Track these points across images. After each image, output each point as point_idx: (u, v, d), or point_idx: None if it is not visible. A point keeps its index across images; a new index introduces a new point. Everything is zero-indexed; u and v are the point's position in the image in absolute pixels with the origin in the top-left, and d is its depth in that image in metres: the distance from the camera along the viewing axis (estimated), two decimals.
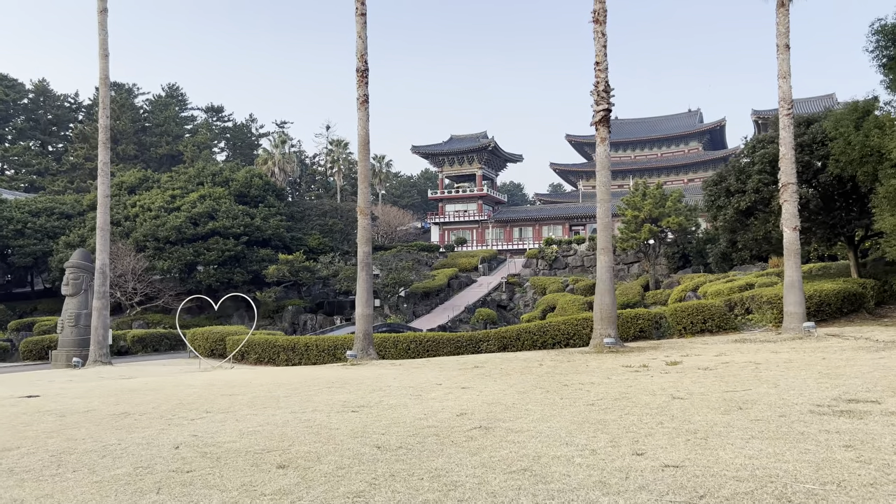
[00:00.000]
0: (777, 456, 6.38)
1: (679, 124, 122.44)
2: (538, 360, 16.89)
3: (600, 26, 19.56)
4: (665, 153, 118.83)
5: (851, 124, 23.16)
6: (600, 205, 19.45)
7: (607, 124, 19.41)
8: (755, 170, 25.94)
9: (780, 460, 6.23)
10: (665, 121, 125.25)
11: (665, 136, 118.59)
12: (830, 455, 6.33)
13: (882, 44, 22.16)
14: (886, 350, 14.52)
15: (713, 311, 23.22)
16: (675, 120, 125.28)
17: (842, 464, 5.92)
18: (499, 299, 55.49)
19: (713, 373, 12.55)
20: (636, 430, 7.83)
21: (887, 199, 20.51)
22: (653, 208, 47.57)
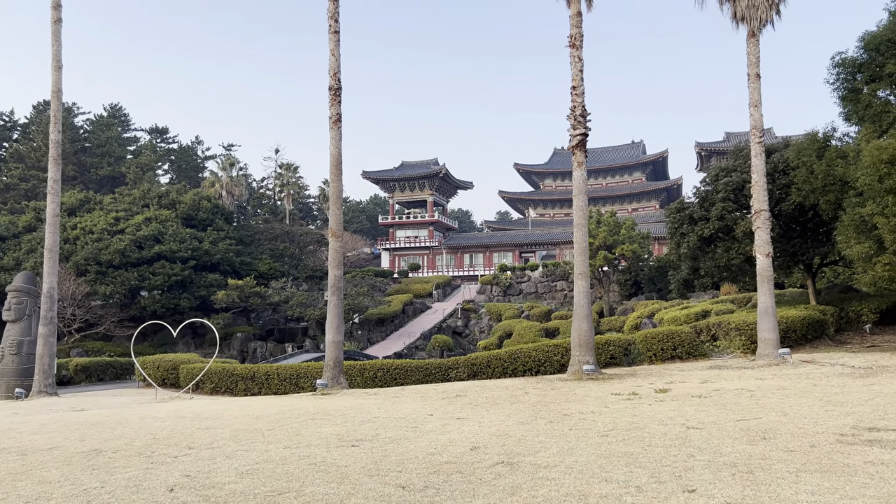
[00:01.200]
0: (838, 491, 6.01)
1: (623, 155, 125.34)
2: (521, 388, 16.36)
3: (577, 51, 19.53)
4: (610, 183, 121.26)
5: (814, 154, 23.74)
6: (577, 229, 19.23)
7: (584, 148, 19.29)
8: (719, 197, 26.31)
9: (844, 496, 5.85)
10: (610, 151, 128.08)
11: (610, 167, 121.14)
12: (892, 489, 6.00)
13: (842, 76, 22.87)
14: (871, 376, 14.56)
15: (683, 338, 23.19)
16: (619, 151, 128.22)
17: None
18: (454, 326, 54.91)
19: (710, 400, 12.26)
20: (671, 463, 7.36)
21: (853, 226, 20.94)
22: (607, 235, 48.09)
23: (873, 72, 21.46)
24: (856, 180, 20.17)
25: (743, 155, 27.68)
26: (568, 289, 59.37)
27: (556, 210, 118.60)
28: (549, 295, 59.73)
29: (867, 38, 21.61)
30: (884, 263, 19.48)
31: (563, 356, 22.81)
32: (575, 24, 19.62)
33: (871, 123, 21.13)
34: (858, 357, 19.13)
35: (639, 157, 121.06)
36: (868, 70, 21.55)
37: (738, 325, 23.22)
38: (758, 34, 19.95)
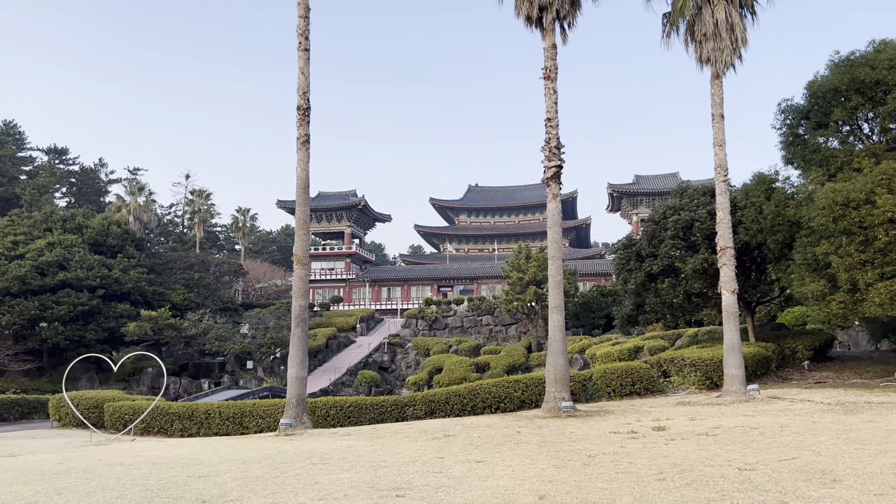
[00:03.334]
0: None
1: (535, 194, 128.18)
2: (505, 427, 15.60)
3: (551, 83, 19.42)
4: (522, 220, 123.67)
5: (762, 195, 24.62)
6: (552, 261, 18.87)
7: (559, 180, 19.07)
8: (668, 235, 26.81)
9: None
10: (522, 190, 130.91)
11: (522, 205, 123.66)
12: None
13: (787, 122, 23.98)
14: (857, 413, 14.78)
15: (642, 374, 23.15)
16: (531, 189, 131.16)
17: None
18: (380, 361, 53.45)
19: (725, 439, 11.93)
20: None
21: (805, 266, 21.69)
22: (537, 271, 48.44)
23: (820, 119, 22.60)
24: (809, 221, 20.94)
25: (688, 195, 28.46)
26: (493, 323, 59.28)
27: (471, 245, 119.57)
28: (475, 329, 59.40)
29: (813, 87, 22.78)
30: (838, 301, 20.19)
31: (523, 392, 22.27)
32: (549, 57, 19.54)
33: (818, 167, 22.14)
34: (817, 393, 19.60)
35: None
36: (815, 117, 22.68)
37: (694, 361, 23.45)
38: (721, 76, 20.56)
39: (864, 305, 19.50)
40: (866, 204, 19.32)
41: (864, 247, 19.53)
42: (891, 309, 18.94)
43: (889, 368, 25.32)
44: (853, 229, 19.54)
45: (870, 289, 19.24)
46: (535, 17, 19.61)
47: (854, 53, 22.19)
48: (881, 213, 18.88)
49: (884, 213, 18.83)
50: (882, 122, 21.63)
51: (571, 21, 19.79)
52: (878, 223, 19.03)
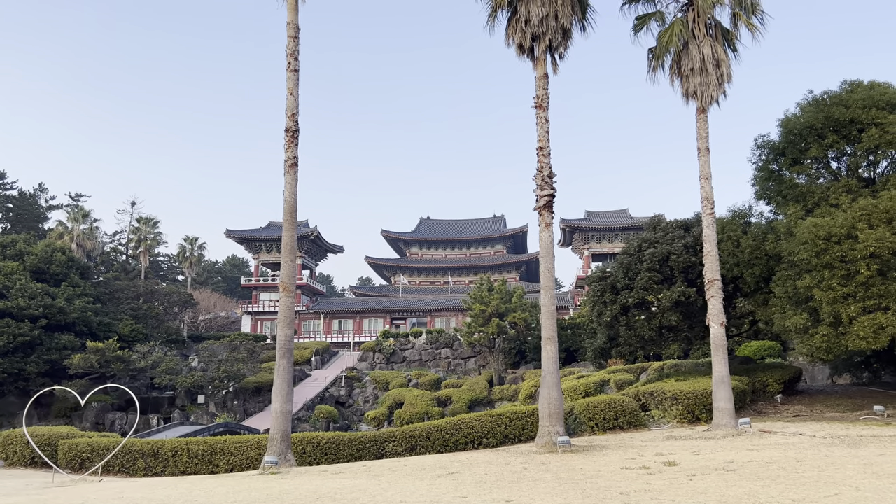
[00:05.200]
0: None
1: (486, 228, 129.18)
2: (506, 463, 14.96)
3: (543, 112, 19.29)
4: (473, 254, 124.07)
5: (738, 229, 24.96)
6: (545, 292, 18.49)
7: (551, 210, 18.82)
8: (644, 267, 26.87)
9: None
10: (474, 224, 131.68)
11: (474, 238, 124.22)
12: None
13: (763, 157, 24.48)
14: (862, 446, 14.73)
15: (625, 408, 22.84)
16: (482, 223, 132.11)
17: None
18: (337, 395, 51.95)
19: (752, 474, 11.59)
20: None
21: (786, 299, 21.92)
22: (500, 303, 48.17)
23: (796, 155, 23.13)
24: (791, 255, 21.23)
25: (662, 228, 28.70)
26: (452, 356, 58.54)
27: (422, 277, 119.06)
28: (434, 363, 58.52)
29: (788, 125, 23.35)
30: (821, 335, 20.40)
31: (506, 427, 21.69)
32: (541, 86, 19.44)
33: (795, 203, 22.58)
34: (803, 426, 19.62)
35: (500, 231, 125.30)
36: (791, 153, 23.20)
37: (675, 394, 23.29)
38: (707, 110, 20.83)
39: (848, 339, 19.74)
40: (848, 238, 19.68)
41: (847, 280, 19.84)
42: (874, 342, 19.21)
43: (857, 402, 25.70)
44: (835, 263, 19.85)
45: (853, 322, 19.50)
46: (528, 46, 19.55)
47: (827, 93, 22.90)
48: (863, 247, 19.24)
49: (866, 247, 19.19)
50: (857, 159, 22.26)
51: (563, 52, 19.80)
52: (860, 257, 19.38)
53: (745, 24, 20.70)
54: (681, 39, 20.86)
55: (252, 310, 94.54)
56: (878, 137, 20.85)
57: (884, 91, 21.74)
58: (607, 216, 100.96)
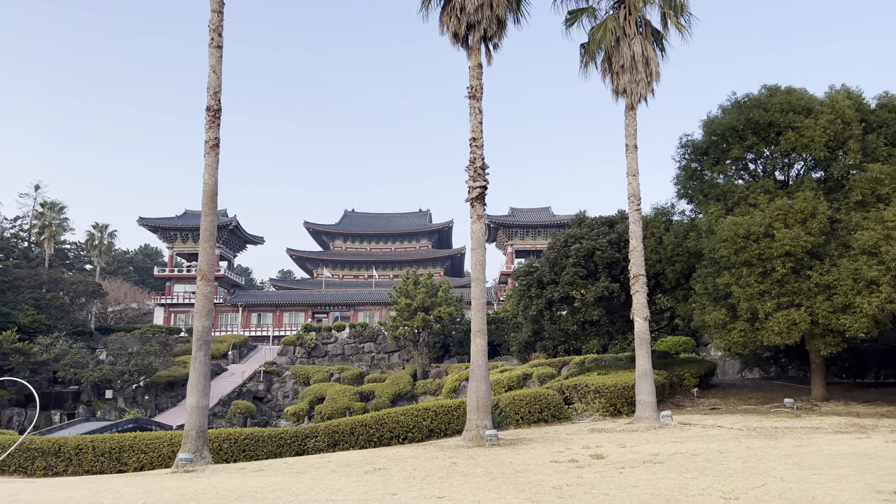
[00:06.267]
0: None
1: (412, 222, 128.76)
2: (433, 458, 14.61)
3: (477, 102, 19.03)
4: (398, 248, 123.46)
5: (661, 226, 25.50)
6: (475, 284, 18.25)
7: (483, 201, 18.59)
8: (570, 262, 27.13)
9: None
10: (399, 218, 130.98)
11: (399, 233, 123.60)
12: None
13: (687, 156, 25.07)
14: (778, 438, 15.18)
15: (550, 401, 22.93)
16: (407, 218, 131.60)
17: None
18: (255, 390, 50.41)
19: (679, 466, 11.68)
20: None
21: (706, 295, 22.52)
22: (426, 297, 47.88)
23: (718, 155, 23.77)
24: (712, 252, 21.80)
25: (587, 224, 29.07)
26: (376, 350, 57.86)
27: (346, 271, 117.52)
28: (357, 357, 57.68)
29: (712, 125, 23.96)
30: (739, 330, 21.04)
31: (431, 421, 21.42)
32: (475, 76, 19.18)
33: (716, 202, 23.20)
34: (720, 419, 20.18)
35: (426, 226, 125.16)
36: (714, 153, 23.84)
37: (598, 387, 23.56)
38: (636, 107, 21.10)
39: (763, 334, 20.42)
40: (765, 237, 20.34)
41: (763, 278, 20.53)
42: (787, 338, 19.94)
43: (767, 395, 26.80)
44: (753, 261, 20.50)
45: (769, 318, 20.19)
46: (462, 35, 19.24)
47: (748, 96, 23.62)
48: (779, 245, 19.93)
49: (782, 245, 19.88)
50: (774, 161, 23.07)
51: (497, 42, 19.58)
52: (776, 255, 20.07)
53: (675, 23, 21.08)
54: (613, 36, 21.03)
55: (165, 301, 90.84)
56: (794, 140, 21.64)
57: (800, 96, 22.60)
58: (531, 213, 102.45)
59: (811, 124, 21.41)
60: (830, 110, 21.62)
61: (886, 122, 22.66)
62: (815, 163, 23.00)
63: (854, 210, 20.98)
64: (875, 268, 18.92)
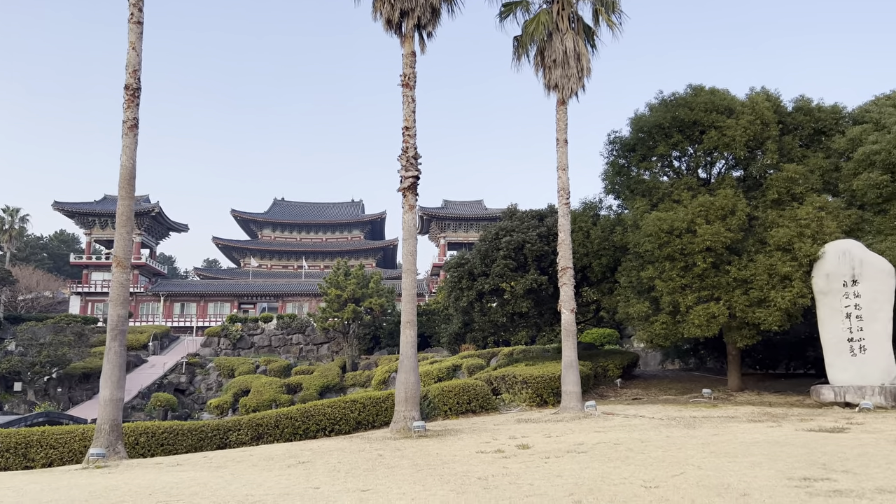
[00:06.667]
0: None
1: (344, 213, 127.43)
2: (360, 450, 14.41)
3: (410, 90, 18.81)
4: (330, 238, 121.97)
5: (589, 220, 25.94)
6: (406, 275, 18.09)
7: (415, 192, 18.41)
8: (501, 255, 27.30)
9: None
10: (331, 207, 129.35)
11: (331, 222, 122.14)
12: None
13: (615, 152, 25.57)
14: (695, 427, 15.66)
15: (478, 392, 23.04)
16: (340, 208, 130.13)
17: None
18: (177, 382, 48.80)
19: (602, 455, 11.86)
20: None
21: (630, 288, 23.06)
22: (356, 288, 47.37)
23: (645, 152, 24.34)
24: (636, 246, 22.32)
25: (518, 217, 29.33)
26: (304, 342, 56.97)
27: (275, 261, 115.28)
28: (285, 349, 56.63)
29: (639, 123, 24.50)
30: (661, 322, 21.64)
31: (359, 413, 21.18)
32: (408, 64, 18.95)
33: (642, 197, 23.76)
34: (642, 409, 20.73)
35: (358, 216, 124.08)
36: (641, 150, 24.39)
37: (526, 378, 23.84)
38: (567, 102, 21.32)
39: (684, 327, 21.07)
40: (687, 233, 20.97)
41: (685, 272, 21.16)
42: (707, 330, 20.63)
43: (686, 386, 27.74)
44: (676, 255, 21.10)
45: (690, 311, 20.84)
46: (396, 21, 18.94)
47: (675, 95, 24.25)
48: (701, 241, 20.58)
49: (703, 241, 20.54)
50: (698, 159, 23.78)
51: (431, 31, 19.39)
52: (697, 250, 20.71)
53: (606, 20, 21.38)
54: (545, 30, 21.16)
55: (82, 290, 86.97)
56: (716, 139, 22.35)
57: (723, 97, 23.36)
58: (464, 206, 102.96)
59: (733, 124, 22.16)
60: (751, 111, 22.43)
61: (801, 125, 23.71)
62: (735, 162, 23.84)
63: (770, 208, 21.87)
64: (788, 263, 19.78)
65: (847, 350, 18.86)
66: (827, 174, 22.71)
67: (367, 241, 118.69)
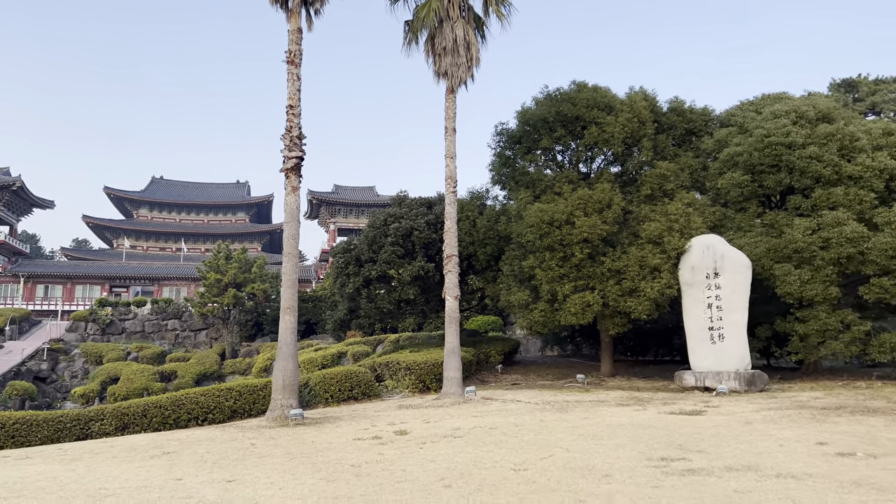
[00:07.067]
0: None
1: (228, 194, 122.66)
2: (232, 440, 13.89)
3: (295, 68, 18.23)
4: (213, 220, 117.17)
5: (476, 209, 26.26)
6: (287, 259, 17.57)
7: (299, 173, 17.89)
8: (389, 241, 27.14)
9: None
10: (215, 188, 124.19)
11: (214, 204, 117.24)
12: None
13: (502, 144, 25.98)
14: (568, 410, 16.22)
15: (360, 379, 22.86)
16: (224, 189, 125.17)
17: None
18: (37, 370, 45.26)
19: (477, 440, 12.01)
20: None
21: (512, 277, 23.56)
22: (238, 272, 45.72)
23: (530, 145, 24.87)
24: (519, 236, 22.83)
25: (407, 204, 29.25)
26: (181, 328, 54.41)
27: (151, 242, 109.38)
28: (159, 335, 53.84)
29: (525, 116, 24.99)
30: (540, 310, 22.26)
31: (235, 401, 20.53)
32: (294, 41, 18.35)
33: (526, 189, 24.29)
34: (520, 394, 21.26)
35: (244, 198, 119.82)
36: (526, 142, 24.90)
37: (409, 364, 23.88)
38: (456, 91, 21.41)
39: (561, 315, 21.76)
40: (567, 224, 21.64)
41: (563, 262, 21.85)
42: (582, 318, 21.42)
43: (563, 371, 28.78)
44: (555, 246, 21.73)
45: (567, 300, 21.55)
46: None
47: (559, 90, 24.90)
48: (578, 232, 21.30)
49: (581, 232, 21.26)
50: (579, 154, 24.57)
51: (319, 8, 18.87)
52: (575, 241, 21.42)
53: (495, 11, 21.62)
54: (436, 17, 21.12)
55: None
56: (597, 135, 23.17)
57: (604, 94, 24.23)
58: (355, 192, 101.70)
59: (612, 121, 23.04)
60: (629, 110, 23.41)
61: (674, 125, 25.01)
62: (614, 157, 24.82)
63: (644, 203, 22.97)
64: (658, 256, 20.85)
65: (708, 338, 20.14)
66: (696, 172, 24.11)
67: (252, 225, 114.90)
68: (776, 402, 15.94)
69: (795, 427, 11.90)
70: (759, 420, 12.98)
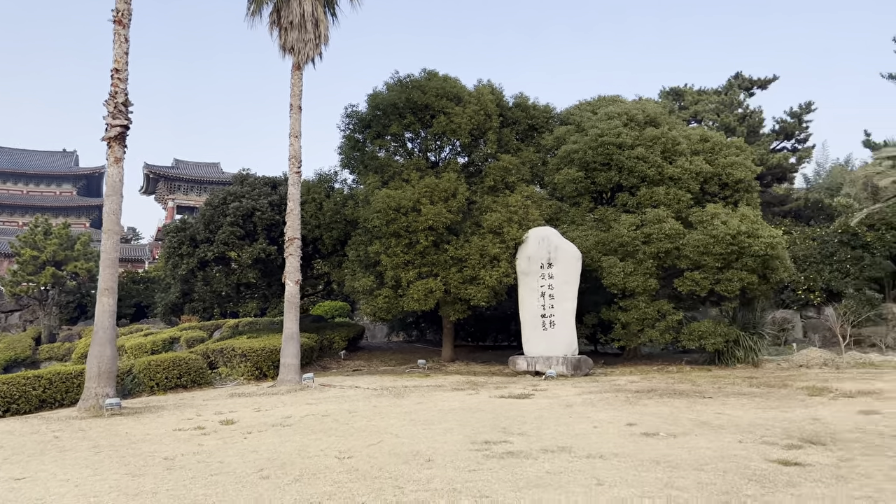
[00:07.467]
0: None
1: (53, 163, 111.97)
2: (33, 432, 12.62)
3: (123, 29, 16.72)
4: (33, 191, 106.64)
5: (323, 192, 25.67)
6: (107, 236, 16.15)
7: (124, 143, 16.45)
8: (227, 221, 25.87)
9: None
10: (36, 156, 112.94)
11: (35, 173, 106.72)
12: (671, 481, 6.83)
13: (351, 127, 25.57)
14: (404, 396, 16.30)
15: (191, 366, 21.67)
16: (47, 157, 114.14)
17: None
18: None
19: (306, 428, 11.72)
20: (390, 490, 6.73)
21: (358, 262, 23.31)
22: (58, 250, 41.74)
23: (380, 129, 24.67)
24: (366, 222, 22.61)
25: (249, 183, 28.03)
26: None
27: None
28: None
29: (376, 100, 24.76)
30: (384, 296, 22.21)
31: (44, 390, 18.65)
32: None
33: (375, 174, 24.10)
34: (360, 380, 21.13)
35: (71, 169, 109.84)
36: (376, 127, 24.67)
37: (245, 351, 22.98)
38: (303, 67, 20.70)
39: (405, 301, 21.85)
40: (413, 211, 21.72)
41: (408, 249, 21.92)
42: (425, 304, 21.63)
43: (406, 357, 29.01)
44: (401, 232, 21.75)
45: (410, 286, 21.66)
46: None
47: (410, 77, 24.87)
48: (424, 220, 21.45)
49: (426, 220, 21.42)
50: (427, 142, 24.71)
51: None
52: (420, 229, 21.56)
53: None
54: None
55: None
56: (445, 125, 23.41)
57: (453, 85, 24.52)
58: (198, 167, 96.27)
59: (460, 112, 23.37)
60: (476, 102, 23.86)
61: (518, 120, 25.84)
62: (461, 148, 25.21)
63: (487, 194, 23.55)
64: (498, 245, 21.48)
65: (540, 325, 21.07)
66: (536, 167, 25.07)
67: (80, 198, 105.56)
68: (597, 386, 16.98)
69: (610, 409, 12.69)
70: (580, 403, 13.72)
